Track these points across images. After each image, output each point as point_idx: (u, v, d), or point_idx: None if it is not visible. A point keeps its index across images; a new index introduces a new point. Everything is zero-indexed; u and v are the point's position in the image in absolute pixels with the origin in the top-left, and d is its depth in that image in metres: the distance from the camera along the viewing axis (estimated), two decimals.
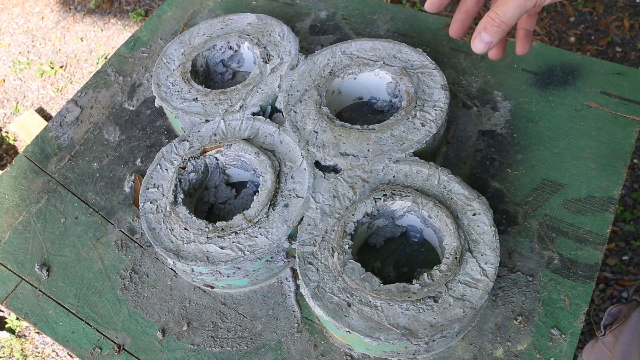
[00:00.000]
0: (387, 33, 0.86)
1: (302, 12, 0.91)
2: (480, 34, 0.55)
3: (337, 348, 0.61)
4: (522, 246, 0.64)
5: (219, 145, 0.68)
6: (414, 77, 0.71)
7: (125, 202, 0.74)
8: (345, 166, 0.65)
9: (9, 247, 0.72)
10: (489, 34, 0.54)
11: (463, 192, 0.61)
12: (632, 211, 1.51)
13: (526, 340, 0.58)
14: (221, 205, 0.71)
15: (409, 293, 0.55)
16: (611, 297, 1.40)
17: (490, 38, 0.55)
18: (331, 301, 0.56)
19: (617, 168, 0.68)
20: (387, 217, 0.64)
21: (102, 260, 0.70)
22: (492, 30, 0.54)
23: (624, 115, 0.73)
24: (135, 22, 2.22)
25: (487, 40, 0.55)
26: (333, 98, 0.75)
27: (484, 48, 0.55)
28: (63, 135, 0.82)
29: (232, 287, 0.65)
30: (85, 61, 2.16)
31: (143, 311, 0.66)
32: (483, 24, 0.54)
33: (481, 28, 0.55)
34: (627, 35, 1.88)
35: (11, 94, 2.12)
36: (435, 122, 0.67)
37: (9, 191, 0.77)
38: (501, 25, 0.54)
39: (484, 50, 0.55)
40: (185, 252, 0.62)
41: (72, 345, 0.65)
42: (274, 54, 0.77)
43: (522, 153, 0.71)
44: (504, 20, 0.53)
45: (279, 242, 0.61)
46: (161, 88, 0.76)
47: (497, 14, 0.53)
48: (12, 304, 0.68)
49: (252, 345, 0.62)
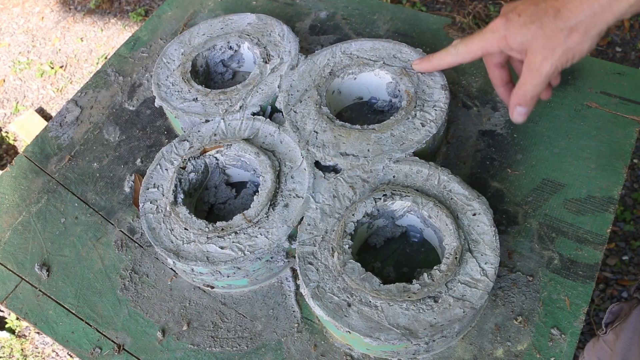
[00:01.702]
0: (387, 33, 0.86)
1: (302, 12, 0.91)
2: (516, 108, 0.60)
3: (337, 348, 0.61)
4: (522, 246, 0.64)
5: (219, 145, 0.68)
6: (414, 77, 0.71)
7: (125, 202, 0.74)
8: (345, 166, 0.65)
9: (9, 247, 0.72)
10: (524, 107, 0.59)
11: (463, 192, 0.61)
12: (632, 211, 1.51)
13: (526, 340, 0.58)
14: (221, 205, 0.71)
15: (409, 293, 0.55)
16: (611, 297, 1.40)
17: (526, 110, 0.60)
18: (331, 301, 0.56)
19: (617, 168, 0.68)
20: (387, 217, 0.64)
21: (102, 260, 0.70)
22: (526, 104, 0.59)
23: (624, 115, 0.73)
24: (135, 22, 2.22)
25: (524, 112, 0.60)
26: (333, 98, 0.75)
27: (524, 118, 0.60)
28: (63, 135, 0.82)
29: (232, 287, 0.65)
30: (85, 61, 2.16)
31: (143, 311, 0.66)
32: (517, 100, 0.59)
33: (515, 103, 0.59)
34: (627, 35, 1.88)
35: (11, 94, 2.12)
36: (435, 122, 0.67)
37: (9, 191, 0.77)
38: (533, 99, 0.58)
39: (525, 119, 0.61)
40: (185, 252, 0.62)
41: (72, 345, 0.65)
42: (274, 54, 0.77)
43: (522, 153, 0.71)
44: (534, 95, 0.58)
45: (279, 242, 0.61)
46: (161, 88, 0.76)
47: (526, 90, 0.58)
48: (12, 304, 0.68)
49: (252, 345, 0.62)
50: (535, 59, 0.54)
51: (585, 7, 0.50)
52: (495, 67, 0.63)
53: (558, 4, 0.51)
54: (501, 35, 0.56)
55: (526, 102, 0.58)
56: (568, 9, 0.51)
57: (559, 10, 0.51)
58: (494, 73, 0.63)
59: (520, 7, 0.55)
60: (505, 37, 0.56)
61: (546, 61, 0.54)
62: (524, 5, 0.54)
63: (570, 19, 0.51)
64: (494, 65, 0.62)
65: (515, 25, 0.55)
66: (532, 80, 0.56)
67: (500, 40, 0.57)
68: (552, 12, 0.52)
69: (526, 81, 0.56)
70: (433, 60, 0.67)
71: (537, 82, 0.56)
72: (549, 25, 0.52)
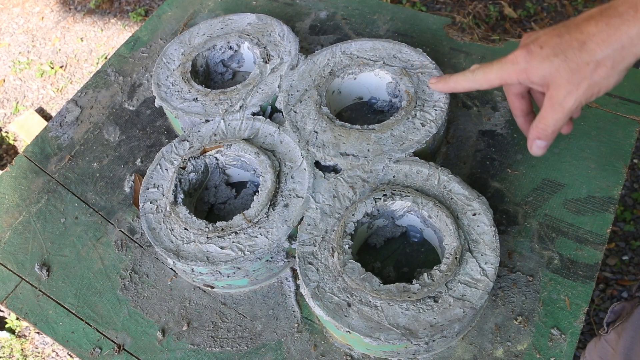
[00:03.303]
0: (387, 33, 0.86)
1: (302, 12, 0.91)
2: (535, 142, 0.58)
3: (337, 348, 0.61)
4: (522, 246, 0.64)
5: (219, 145, 0.68)
6: (414, 77, 0.71)
7: (125, 202, 0.74)
8: (345, 166, 0.65)
9: (9, 247, 0.72)
10: (544, 141, 0.57)
11: (463, 192, 0.61)
12: (632, 211, 1.51)
13: (526, 340, 0.58)
14: (221, 205, 0.71)
15: (409, 293, 0.55)
16: (611, 297, 1.40)
17: (545, 144, 0.58)
18: (331, 301, 0.56)
19: (617, 168, 0.68)
20: (387, 217, 0.64)
21: (102, 260, 0.70)
22: (547, 138, 0.57)
23: (624, 115, 0.73)
24: (135, 22, 2.22)
25: (544, 146, 0.58)
26: (333, 98, 0.75)
27: (543, 152, 0.59)
28: (63, 135, 0.82)
29: (232, 287, 0.65)
30: (85, 61, 2.16)
31: (143, 311, 0.66)
32: (536, 134, 0.57)
33: (535, 137, 0.57)
34: None
35: (11, 94, 2.12)
36: (435, 122, 0.67)
37: (9, 191, 0.77)
38: (554, 133, 0.56)
39: (544, 152, 0.59)
40: (185, 252, 0.62)
41: (72, 345, 0.65)
42: (274, 54, 0.77)
43: (522, 153, 0.71)
44: (555, 130, 0.56)
45: (279, 242, 0.61)
46: (161, 88, 0.76)
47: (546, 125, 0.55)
48: (12, 304, 0.68)
49: (252, 345, 0.62)
50: (559, 94, 0.52)
51: (614, 40, 0.47)
52: (515, 97, 0.60)
53: (583, 36, 0.49)
54: (522, 68, 0.54)
55: (546, 137, 0.56)
56: (595, 42, 0.48)
57: (584, 43, 0.49)
58: (514, 103, 0.61)
59: (543, 39, 0.52)
60: (526, 70, 0.53)
61: (570, 96, 0.51)
62: (546, 36, 0.52)
63: (597, 53, 0.48)
64: (514, 95, 0.60)
65: (537, 58, 0.52)
66: (554, 115, 0.53)
67: (520, 73, 0.54)
68: (577, 44, 0.49)
69: (547, 115, 0.54)
70: (450, 82, 0.64)
71: (560, 117, 0.53)
72: (573, 58, 0.50)
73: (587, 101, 0.52)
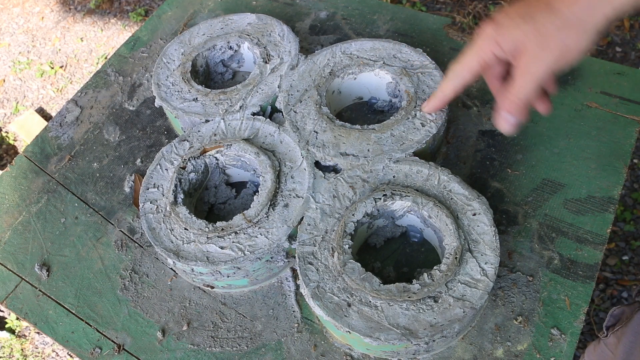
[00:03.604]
0: (387, 33, 0.86)
1: (302, 12, 0.91)
2: (503, 115, 0.53)
3: (337, 348, 0.61)
4: (522, 246, 0.64)
5: (219, 145, 0.68)
6: (414, 77, 0.71)
7: (125, 202, 0.74)
8: (345, 166, 0.65)
9: (9, 247, 0.72)
10: (513, 115, 0.53)
11: (463, 192, 0.61)
12: (632, 211, 1.51)
13: (526, 340, 0.58)
14: (221, 205, 0.71)
15: (409, 293, 0.55)
16: (611, 297, 1.40)
17: (515, 119, 0.53)
18: (331, 301, 0.56)
19: (617, 168, 0.68)
20: (387, 217, 0.64)
21: (102, 260, 0.70)
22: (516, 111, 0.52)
23: (624, 115, 0.73)
24: (135, 22, 2.22)
25: (513, 122, 0.53)
26: (333, 98, 0.75)
27: (512, 129, 0.54)
28: (63, 135, 0.82)
29: (232, 287, 0.65)
30: (85, 61, 2.16)
31: (143, 311, 0.66)
32: (505, 106, 0.53)
33: (503, 109, 0.53)
34: (627, 35, 1.88)
35: (11, 94, 2.12)
36: (435, 122, 0.67)
37: (9, 191, 0.77)
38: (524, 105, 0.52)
39: (514, 130, 0.54)
40: (185, 252, 0.62)
41: (72, 345, 0.65)
42: (274, 54, 0.77)
43: (522, 153, 0.71)
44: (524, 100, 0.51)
45: (279, 242, 0.61)
46: (161, 88, 0.76)
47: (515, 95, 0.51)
48: (12, 304, 0.68)
49: (252, 345, 0.62)
50: (528, 60, 0.49)
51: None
52: (496, 79, 0.56)
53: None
54: (492, 38, 0.51)
55: (516, 109, 0.52)
56: (562, 3, 0.47)
57: (551, 6, 0.47)
58: (495, 87, 0.57)
59: (510, 10, 0.50)
60: (496, 40, 0.51)
61: (540, 61, 0.49)
62: (513, 7, 0.50)
63: (564, 13, 0.46)
64: (494, 78, 0.56)
65: (505, 26, 0.50)
66: (523, 84, 0.50)
67: (492, 45, 0.51)
68: (545, 7, 0.48)
69: (517, 84, 0.51)
70: (438, 95, 0.62)
71: (529, 85, 0.50)
72: (541, 21, 0.48)
73: (559, 68, 0.49)
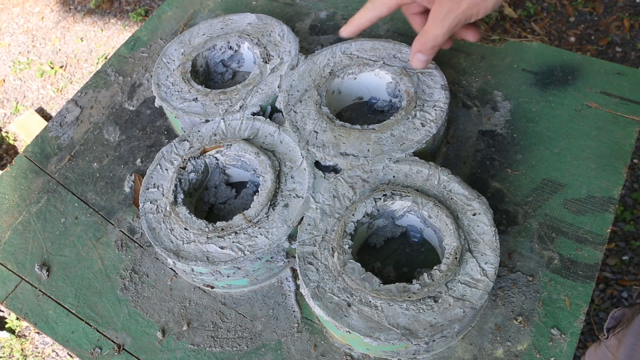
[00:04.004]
0: (387, 33, 0.86)
1: (302, 12, 0.91)
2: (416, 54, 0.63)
3: (337, 348, 0.61)
4: (522, 246, 0.64)
5: (219, 145, 0.68)
6: (414, 77, 0.71)
7: (125, 202, 0.74)
8: (345, 166, 0.65)
9: (9, 247, 0.72)
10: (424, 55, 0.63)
11: (463, 192, 0.61)
12: (632, 211, 1.51)
13: (526, 340, 0.58)
14: (221, 205, 0.71)
15: (409, 293, 0.55)
16: (611, 297, 1.40)
17: (426, 58, 0.63)
18: (331, 301, 0.56)
19: (617, 168, 0.68)
20: (387, 217, 0.64)
21: (102, 260, 0.70)
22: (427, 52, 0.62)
23: (624, 115, 0.73)
24: (135, 22, 2.22)
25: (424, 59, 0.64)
26: (333, 98, 0.75)
27: (423, 65, 0.65)
28: (63, 135, 0.82)
29: (232, 287, 0.65)
30: (85, 61, 2.16)
31: (143, 311, 0.66)
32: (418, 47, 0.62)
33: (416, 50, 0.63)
34: (627, 35, 1.88)
35: (11, 94, 2.12)
36: (435, 122, 0.67)
37: (9, 191, 0.77)
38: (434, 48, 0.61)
39: (424, 66, 0.65)
40: (185, 252, 0.62)
41: (72, 345, 0.65)
42: (274, 54, 0.77)
43: (522, 153, 0.71)
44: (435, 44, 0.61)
45: (279, 242, 0.61)
46: (161, 88, 0.76)
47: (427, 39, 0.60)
48: (12, 304, 0.68)
49: (252, 345, 0.62)
50: (441, 9, 0.56)
51: None
52: (415, 16, 0.65)
53: None
54: None
55: (427, 50, 0.61)
56: None
57: None
58: (415, 21, 0.66)
59: None
60: None
61: (451, 13, 0.56)
62: None
63: None
64: (413, 14, 0.65)
65: None
66: (434, 30, 0.58)
67: None
68: None
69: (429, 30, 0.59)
70: (354, 21, 0.67)
71: (440, 32, 0.58)
72: None
73: (467, 21, 0.57)
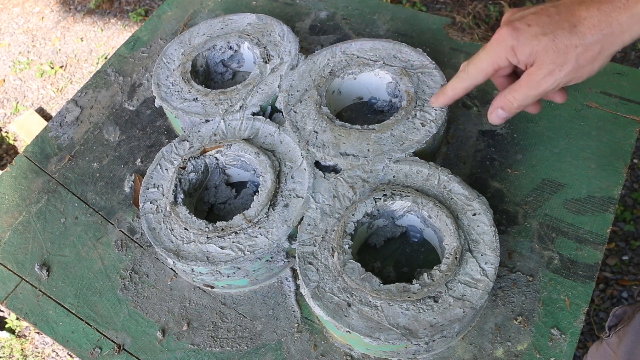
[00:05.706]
0: (387, 33, 0.86)
1: (302, 12, 0.91)
2: (497, 110, 0.58)
3: (337, 348, 0.61)
4: (522, 246, 0.64)
5: (219, 145, 0.68)
6: (414, 77, 0.71)
7: (125, 202, 0.74)
8: (345, 166, 0.65)
9: (9, 247, 0.72)
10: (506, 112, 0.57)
11: (463, 192, 0.61)
12: (632, 211, 1.51)
13: (526, 340, 0.58)
14: (221, 205, 0.71)
15: (409, 293, 0.55)
16: (611, 297, 1.40)
17: (506, 116, 0.58)
18: (331, 301, 0.56)
19: (617, 168, 0.68)
20: (387, 217, 0.64)
21: (102, 260, 0.70)
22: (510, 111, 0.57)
23: (624, 115, 0.73)
24: (135, 22, 2.22)
25: (504, 117, 0.58)
26: (333, 98, 0.75)
27: (501, 122, 0.59)
28: (63, 135, 0.82)
29: (232, 287, 0.65)
30: (85, 61, 2.16)
31: (143, 311, 0.66)
32: (501, 103, 0.57)
33: (499, 106, 0.57)
34: None
35: (11, 94, 2.12)
36: (435, 122, 0.67)
37: (9, 191, 0.77)
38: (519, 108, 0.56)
39: (500, 123, 0.60)
40: (185, 252, 0.62)
41: (72, 345, 0.65)
42: (274, 54, 0.77)
43: (522, 153, 0.71)
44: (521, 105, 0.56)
45: (279, 242, 0.61)
46: (161, 88, 0.76)
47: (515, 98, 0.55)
48: (12, 304, 0.68)
49: (252, 345, 0.62)
50: (540, 71, 0.51)
51: (604, 26, 0.48)
52: (504, 78, 0.59)
53: (574, 19, 0.49)
54: (509, 45, 0.52)
55: (511, 109, 0.56)
56: (585, 26, 0.48)
57: (575, 26, 0.49)
58: (499, 82, 0.60)
59: (530, 17, 0.51)
60: (513, 47, 0.52)
61: (551, 76, 0.51)
62: (534, 15, 0.51)
63: (586, 37, 0.48)
64: (500, 76, 0.59)
65: (525, 36, 0.51)
66: (527, 91, 0.53)
67: (508, 51, 0.53)
68: (568, 26, 0.49)
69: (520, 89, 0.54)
70: (447, 91, 0.63)
71: (533, 93, 0.53)
72: (562, 39, 0.49)
73: (566, 84, 0.52)
